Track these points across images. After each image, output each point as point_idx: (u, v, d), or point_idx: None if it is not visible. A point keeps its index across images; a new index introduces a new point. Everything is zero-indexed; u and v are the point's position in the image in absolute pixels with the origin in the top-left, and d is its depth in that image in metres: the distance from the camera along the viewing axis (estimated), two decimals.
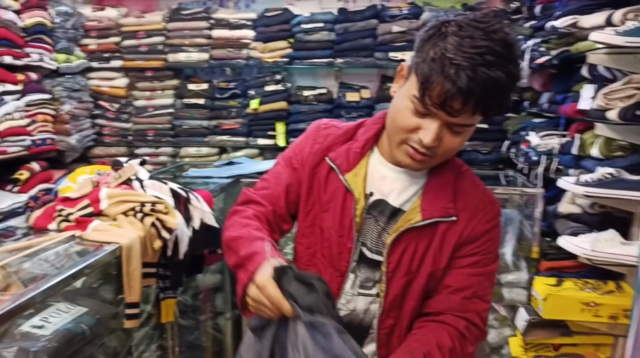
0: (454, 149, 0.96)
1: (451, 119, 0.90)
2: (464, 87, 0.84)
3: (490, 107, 0.89)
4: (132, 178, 1.75)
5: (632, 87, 1.89)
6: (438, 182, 1.04)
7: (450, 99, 0.86)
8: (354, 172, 1.08)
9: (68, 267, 1.25)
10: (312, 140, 1.15)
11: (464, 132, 0.94)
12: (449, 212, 1.02)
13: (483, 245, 1.04)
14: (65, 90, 3.19)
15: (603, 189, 1.84)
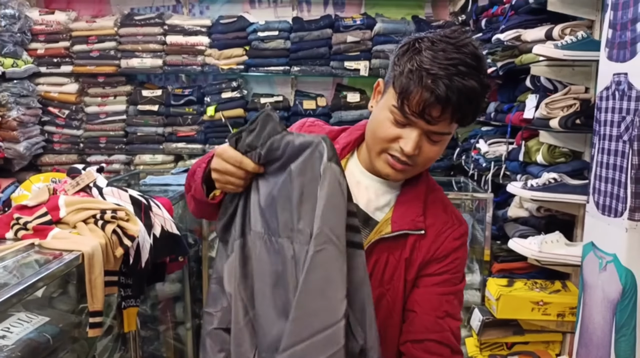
0: (432, 158, 0.98)
1: (430, 127, 0.92)
2: (442, 95, 0.88)
3: (466, 114, 0.92)
4: (91, 185, 1.73)
5: (572, 96, 2.03)
6: (410, 195, 1.05)
7: (429, 107, 0.90)
8: None
9: (30, 275, 1.22)
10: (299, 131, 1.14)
11: (441, 140, 0.97)
12: (417, 225, 1.02)
13: (451, 264, 1.04)
14: (13, 95, 3.09)
15: (548, 193, 1.96)
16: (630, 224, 1.56)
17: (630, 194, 1.56)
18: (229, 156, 0.90)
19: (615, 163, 1.65)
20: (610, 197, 1.67)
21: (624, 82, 1.62)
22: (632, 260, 1.57)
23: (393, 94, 0.94)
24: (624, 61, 1.63)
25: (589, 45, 1.91)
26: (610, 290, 1.66)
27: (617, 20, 1.67)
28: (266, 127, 0.88)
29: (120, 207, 1.60)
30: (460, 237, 1.05)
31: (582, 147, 2.08)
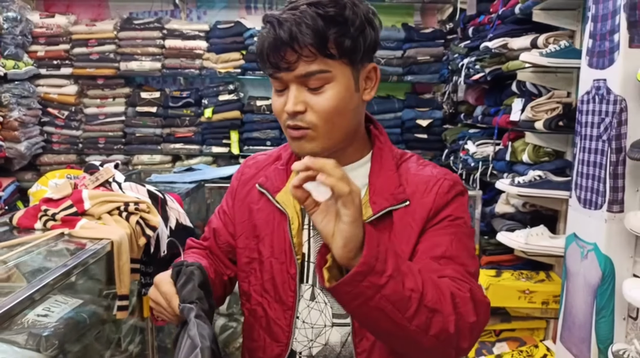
0: (326, 109, 0.86)
1: (292, 73, 0.85)
2: (272, 35, 0.84)
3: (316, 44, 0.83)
4: (110, 180, 1.83)
5: (555, 100, 2.20)
6: (380, 173, 0.95)
7: (275, 52, 0.84)
8: (284, 190, 0.98)
9: (68, 260, 1.32)
10: (239, 174, 1.11)
11: (323, 85, 0.86)
12: (398, 198, 0.92)
13: (448, 212, 0.92)
14: (14, 96, 3.15)
15: (533, 189, 2.12)
16: (609, 216, 1.73)
17: (609, 188, 1.72)
18: (164, 291, 0.89)
19: (595, 160, 1.81)
20: (591, 191, 1.83)
21: (603, 87, 1.79)
22: (611, 248, 1.74)
23: None
24: (603, 68, 1.80)
25: (571, 54, 2.08)
26: (591, 276, 1.82)
27: (596, 31, 1.84)
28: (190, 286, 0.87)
29: (141, 200, 1.71)
30: (450, 189, 0.93)
31: (565, 147, 2.25)
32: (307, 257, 0.98)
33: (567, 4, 2.14)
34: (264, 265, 1.00)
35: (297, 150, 0.92)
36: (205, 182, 2.58)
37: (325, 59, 0.85)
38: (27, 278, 1.26)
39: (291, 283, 0.96)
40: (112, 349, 1.55)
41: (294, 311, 0.97)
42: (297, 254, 0.96)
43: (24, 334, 1.20)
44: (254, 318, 1.02)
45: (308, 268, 0.98)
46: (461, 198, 0.95)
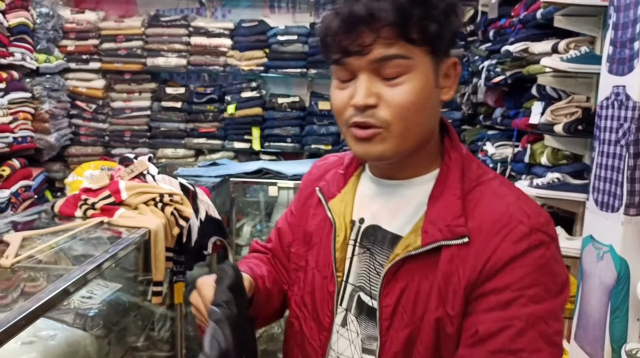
0: (403, 103, 0.73)
1: (366, 57, 0.72)
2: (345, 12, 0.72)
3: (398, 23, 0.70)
4: (144, 173, 1.92)
5: (574, 105, 2.24)
6: (441, 196, 0.78)
7: (342, 34, 0.72)
8: (339, 198, 0.89)
9: (110, 246, 1.41)
10: (308, 175, 1.02)
11: (400, 75, 0.73)
12: (455, 231, 0.74)
13: (514, 275, 0.70)
14: (45, 89, 3.26)
15: (551, 191, 2.17)
16: (626, 218, 1.77)
17: (626, 192, 1.77)
18: (204, 295, 0.80)
19: (613, 164, 1.86)
20: (608, 194, 1.88)
21: (622, 93, 1.83)
22: (626, 250, 1.78)
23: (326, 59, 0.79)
24: (622, 75, 1.85)
25: (591, 59, 2.13)
26: (606, 277, 1.87)
27: (617, 39, 1.89)
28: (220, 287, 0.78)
29: (174, 192, 1.79)
30: (524, 238, 0.71)
31: (583, 150, 2.29)
32: (345, 276, 0.86)
33: (588, 11, 2.18)
34: (307, 275, 0.91)
35: (362, 154, 0.78)
36: (230, 177, 2.66)
37: (405, 44, 0.72)
38: (73, 262, 1.35)
39: (329, 302, 0.86)
40: (146, 333, 1.64)
41: (329, 333, 0.86)
42: (338, 271, 0.86)
43: (71, 314, 1.29)
44: (290, 332, 0.94)
45: (345, 288, 0.86)
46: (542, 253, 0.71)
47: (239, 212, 2.83)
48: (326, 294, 0.86)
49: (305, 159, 3.58)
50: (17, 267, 1.24)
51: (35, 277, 1.23)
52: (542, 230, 0.73)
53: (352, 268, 0.86)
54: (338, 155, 1.00)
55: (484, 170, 0.81)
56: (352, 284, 0.85)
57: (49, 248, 1.38)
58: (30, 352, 1.05)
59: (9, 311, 0.97)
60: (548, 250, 0.72)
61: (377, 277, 0.81)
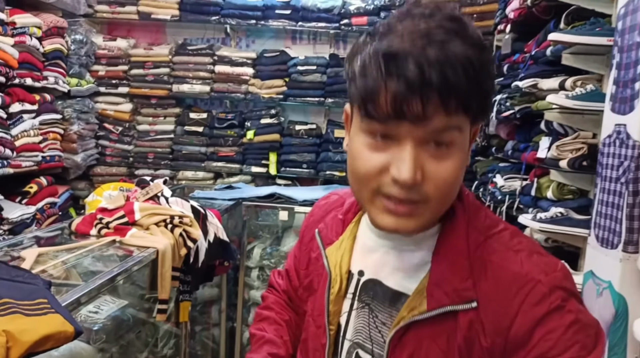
0: (447, 179, 0.66)
1: (421, 127, 0.63)
2: (414, 75, 0.61)
3: (464, 92, 0.62)
4: (159, 195, 2.03)
5: (580, 141, 2.27)
6: (446, 254, 0.72)
7: (404, 100, 0.62)
8: (336, 245, 0.84)
9: (119, 264, 1.50)
10: (309, 215, 0.98)
11: (449, 149, 0.66)
12: (463, 296, 0.69)
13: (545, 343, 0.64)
14: (75, 111, 3.44)
15: (554, 225, 2.19)
16: (624, 255, 1.79)
17: (625, 229, 1.79)
18: None
19: (614, 201, 1.89)
20: (608, 231, 1.90)
21: (624, 132, 1.87)
22: (625, 287, 1.80)
23: (357, 110, 0.68)
24: (624, 114, 1.88)
25: (596, 97, 2.16)
26: (605, 313, 1.88)
27: (620, 78, 1.93)
28: None
29: (184, 214, 1.89)
30: (544, 299, 0.65)
31: (589, 186, 2.31)
32: (342, 331, 0.81)
33: (595, 50, 2.22)
34: (305, 321, 0.88)
35: (392, 228, 0.69)
36: (243, 200, 2.75)
37: (462, 115, 0.65)
38: (82, 278, 1.44)
39: (320, 354, 0.82)
40: (149, 349, 1.71)
41: None
42: (331, 324, 0.81)
43: None
44: None
45: (342, 344, 0.81)
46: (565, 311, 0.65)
47: (250, 235, 2.92)
48: (319, 345, 0.83)
49: (319, 184, 3.66)
50: None
51: None
52: (562, 287, 0.67)
53: (349, 323, 0.81)
54: (339, 193, 0.96)
55: (493, 221, 0.75)
56: (349, 340, 0.80)
57: (62, 264, 1.48)
58: None
59: None
60: (572, 306, 0.66)
61: (378, 335, 0.77)
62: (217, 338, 2.69)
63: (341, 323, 0.81)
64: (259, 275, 2.82)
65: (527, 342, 0.65)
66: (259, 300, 2.87)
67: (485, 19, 3.59)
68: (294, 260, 1.01)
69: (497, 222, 0.75)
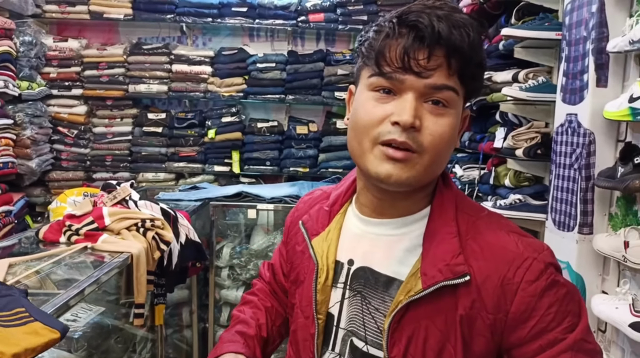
0: (440, 134, 0.72)
1: (424, 80, 0.71)
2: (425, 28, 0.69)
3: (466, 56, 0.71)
4: (127, 199, 2.00)
5: (534, 130, 2.39)
6: (436, 234, 0.76)
7: (413, 49, 0.70)
8: (322, 236, 0.86)
9: (94, 271, 1.49)
10: (294, 210, 1.01)
11: (446, 109, 0.73)
12: (456, 270, 0.73)
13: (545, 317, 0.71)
14: (27, 116, 3.32)
15: (513, 212, 2.31)
16: (580, 237, 1.91)
17: (580, 212, 1.91)
18: None
19: (568, 187, 2.00)
20: (564, 214, 2.02)
21: (575, 121, 1.98)
22: (582, 267, 1.92)
23: (367, 70, 0.76)
24: (574, 104, 2.00)
25: (548, 89, 2.28)
26: None
27: (569, 71, 2.04)
28: None
29: (156, 217, 1.88)
30: (540, 275, 0.72)
31: (543, 173, 2.44)
32: (336, 320, 0.83)
33: (545, 44, 2.34)
34: (294, 313, 0.90)
35: (386, 176, 0.73)
36: (210, 200, 2.74)
37: (458, 81, 0.73)
38: (57, 287, 1.42)
39: (311, 343, 0.84)
40: (127, 354, 1.70)
41: None
42: (319, 313, 0.83)
43: None
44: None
45: (336, 333, 0.83)
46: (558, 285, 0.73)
47: (218, 235, 2.91)
48: (308, 335, 0.85)
49: (283, 181, 3.68)
50: None
51: None
52: (553, 263, 0.74)
53: (342, 312, 0.83)
54: (323, 189, 0.99)
55: (478, 206, 0.82)
56: (343, 329, 0.82)
57: (35, 273, 1.46)
58: None
59: None
60: (562, 280, 0.74)
61: (371, 322, 0.79)
62: (190, 340, 2.68)
63: (333, 312, 0.83)
64: (229, 274, 2.82)
65: (529, 317, 0.70)
66: (230, 299, 2.88)
67: None
68: (279, 256, 1.04)
69: (482, 208, 0.82)
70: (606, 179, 1.75)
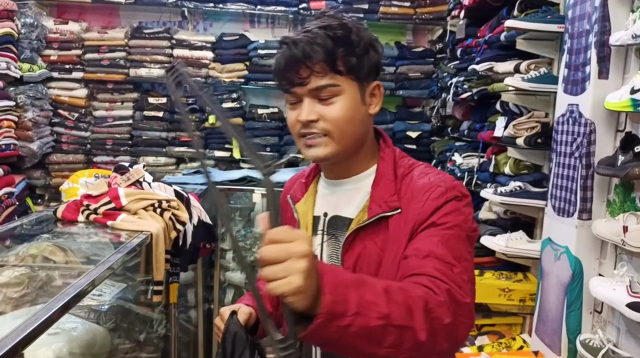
0: (338, 118, 0.98)
1: (306, 87, 0.97)
2: (287, 54, 0.96)
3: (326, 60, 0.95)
4: (141, 180, 2.04)
5: (534, 120, 2.47)
6: (379, 182, 1.04)
7: (289, 70, 0.96)
8: (302, 201, 1.12)
9: (118, 249, 1.53)
10: (283, 190, 1.23)
11: (332, 97, 0.98)
12: (391, 205, 0.99)
13: (435, 218, 0.95)
14: (29, 98, 3.32)
15: (514, 198, 2.39)
16: (579, 222, 1.99)
17: (579, 199, 1.99)
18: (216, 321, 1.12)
19: (568, 174, 2.08)
20: (564, 201, 2.10)
21: (576, 111, 2.06)
22: (580, 251, 2.00)
23: None
24: (576, 95, 2.08)
25: (549, 80, 2.36)
26: (563, 275, 2.09)
27: (571, 63, 2.12)
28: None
29: (171, 198, 1.92)
30: (442, 195, 0.96)
31: (542, 161, 2.52)
32: (319, 259, 1.05)
33: (546, 35, 2.41)
34: None
35: (312, 157, 1.01)
36: (216, 184, 2.78)
37: (334, 75, 0.97)
38: (83, 263, 1.47)
39: None
40: (146, 329, 1.75)
41: None
42: None
43: (85, 310, 1.40)
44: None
45: None
46: (456, 203, 0.96)
47: (224, 218, 2.95)
48: None
49: (283, 167, 3.72)
50: (37, 266, 1.36)
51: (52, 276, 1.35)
52: (456, 188, 0.99)
53: (323, 252, 1.07)
54: (303, 170, 1.23)
55: (415, 162, 1.08)
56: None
57: (61, 250, 1.50)
58: (58, 342, 1.16)
59: (43, 304, 1.08)
60: (461, 202, 0.98)
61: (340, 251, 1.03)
62: (195, 320, 2.73)
63: (316, 253, 1.06)
64: (233, 256, 2.87)
65: (427, 220, 0.95)
66: (235, 281, 2.94)
67: (437, 5, 3.74)
68: None
69: (417, 163, 1.08)
70: (606, 167, 1.82)
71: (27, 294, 1.27)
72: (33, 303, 1.21)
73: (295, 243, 0.71)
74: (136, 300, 1.64)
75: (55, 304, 1.07)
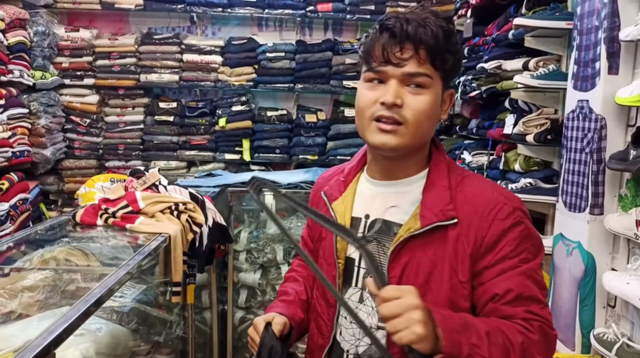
0: (421, 110, 0.94)
1: (401, 69, 0.93)
2: (397, 29, 0.92)
3: (433, 48, 0.93)
4: (157, 184, 2.07)
5: (544, 117, 2.48)
6: (432, 188, 0.99)
7: (389, 47, 0.93)
8: (340, 200, 1.08)
9: (138, 252, 1.56)
10: (315, 186, 1.22)
11: (423, 88, 0.95)
12: (447, 215, 0.95)
13: (507, 247, 0.93)
14: (42, 105, 3.37)
15: (525, 195, 2.40)
16: (591, 217, 2.00)
17: (591, 194, 2.00)
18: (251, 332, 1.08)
19: (579, 170, 2.10)
20: (576, 196, 2.11)
21: (586, 107, 2.07)
22: (592, 246, 2.01)
23: (363, 66, 1.00)
24: (586, 91, 2.09)
25: (558, 76, 2.37)
26: (575, 270, 2.10)
27: (580, 59, 2.13)
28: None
29: (187, 201, 1.95)
30: (509, 215, 0.94)
31: (552, 157, 2.53)
32: (356, 261, 1.05)
33: (555, 33, 2.42)
34: (318, 263, 1.11)
35: (381, 144, 0.96)
36: (227, 186, 2.82)
37: (430, 67, 0.94)
38: (104, 265, 1.50)
39: (333, 283, 1.04)
40: (165, 329, 1.78)
41: (335, 308, 1.07)
42: (339, 258, 1.05)
43: (108, 311, 1.43)
44: (311, 311, 1.16)
45: (358, 273, 1.04)
46: (526, 227, 0.96)
47: (235, 220, 2.99)
48: (330, 277, 1.05)
49: (293, 169, 3.75)
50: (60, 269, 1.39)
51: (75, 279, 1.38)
52: (521, 208, 0.98)
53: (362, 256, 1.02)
54: (336, 167, 1.21)
55: (466, 170, 1.07)
56: (364, 268, 1.04)
57: (82, 254, 1.53)
58: (84, 342, 1.20)
59: (69, 306, 1.11)
60: (526, 223, 0.97)
61: (385, 258, 0.99)
62: (209, 321, 2.76)
63: (354, 257, 1.05)
64: (247, 258, 2.89)
65: (496, 245, 0.92)
66: (248, 281, 2.97)
67: (444, 4, 3.76)
68: (307, 228, 1.25)
69: (469, 171, 1.07)
70: (618, 162, 1.84)
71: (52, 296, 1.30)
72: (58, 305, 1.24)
73: (406, 298, 0.80)
74: (155, 302, 1.67)
75: (83, 305, 1.10)
